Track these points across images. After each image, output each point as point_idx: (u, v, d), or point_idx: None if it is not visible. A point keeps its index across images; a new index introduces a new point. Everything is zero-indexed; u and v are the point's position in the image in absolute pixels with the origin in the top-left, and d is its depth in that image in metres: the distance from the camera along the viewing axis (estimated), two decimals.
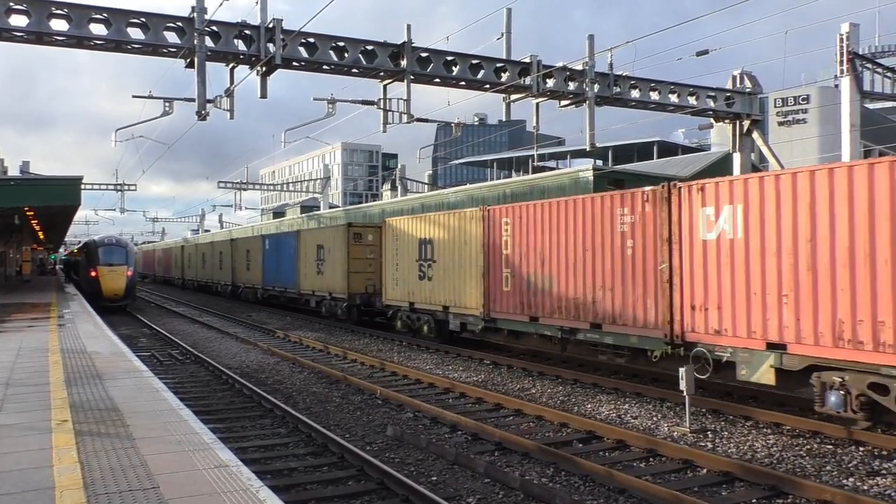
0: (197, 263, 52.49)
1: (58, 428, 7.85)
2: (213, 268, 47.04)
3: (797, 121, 61.26)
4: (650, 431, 10.84)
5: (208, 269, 48.53)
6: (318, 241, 29.65)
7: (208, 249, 48.89)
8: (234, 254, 41.76)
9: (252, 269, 38.15)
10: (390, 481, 8.18)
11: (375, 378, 15.83)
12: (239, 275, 40.85)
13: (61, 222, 36.23)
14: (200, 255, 51.17)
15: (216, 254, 46.15)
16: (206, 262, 49.02)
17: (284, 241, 33.88)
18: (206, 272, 49.35)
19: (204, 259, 49.88)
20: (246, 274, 39.34)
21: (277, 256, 34.09)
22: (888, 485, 8.27)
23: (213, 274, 47.11)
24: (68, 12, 17.30)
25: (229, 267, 42.59)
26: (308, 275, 30.33)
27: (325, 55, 19.98)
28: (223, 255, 44.13)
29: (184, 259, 58.17)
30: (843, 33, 26.29)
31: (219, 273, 45.59)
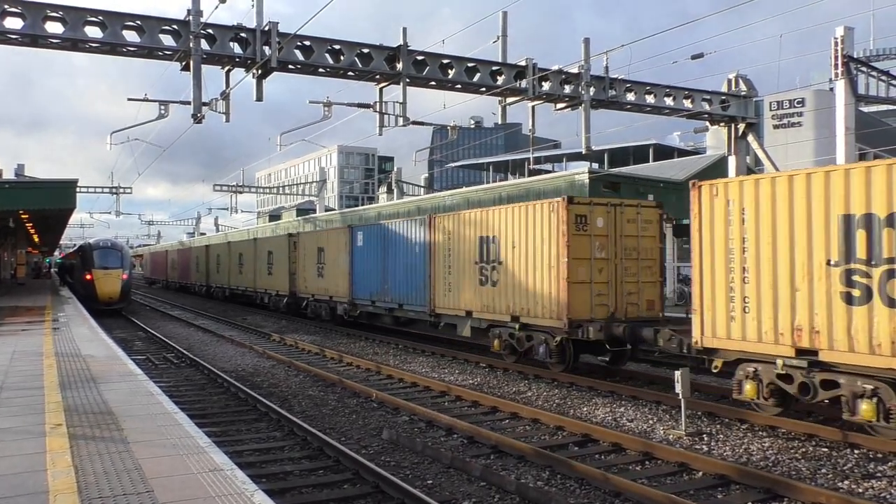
0: (230, 266, 42.68)
1: (52, 432, 7.82)
2: (258, 272, 36.80)
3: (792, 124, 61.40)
4: (646, 434, 10.84)
5: (248, 273, 38.57)
6: (497, 225, 17.21)
7: (247, 248, 39.52)
8: (295, 253, 31.35)
9: (330, 274, 27.42)
10: (386, 485, 8.16)
11: (371, 381, 15.81)
12: (304, 282, 30.36)
13: (56, 225, 36.19)
14: (235, 256, 41.29)
15: (262, 253, 36.32)
16: (246, 264, 39.14)
17: (400, 235, 22.21)
18: (244, 278, 39.58)
19: (241, 261, 40.00)
20: (316, 282, 28.81)
21: (384, 257, 23.20)
22: (883, 487, 8.28)
23: (258, 280, 36.74)
24: (63, 15, 17.29)
25: (285, 271, 32.12)
26: (467, 288, 18.42)
27: (320, 58, 19.99)
28: (274, 255, 34.17)
29: (209, 261, 48.25)
30: (837, 37, 26.37)
31: (266, 279, 35.37)
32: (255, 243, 37.64)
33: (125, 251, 38.06)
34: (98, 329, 19.55)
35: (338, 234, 27.01)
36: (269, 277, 33.97)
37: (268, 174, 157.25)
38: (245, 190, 61.91)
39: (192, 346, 22.33)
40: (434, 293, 19.79)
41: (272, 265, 33.62)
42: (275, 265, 33.22)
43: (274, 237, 37.43)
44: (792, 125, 61.25)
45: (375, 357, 19.50)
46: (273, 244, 34.39)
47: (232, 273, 41.97)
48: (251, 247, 38.25)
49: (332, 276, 27.03)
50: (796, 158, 47.35)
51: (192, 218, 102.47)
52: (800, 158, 47.77)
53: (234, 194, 59.62)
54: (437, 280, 19.69)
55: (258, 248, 36.75)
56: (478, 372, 16.92)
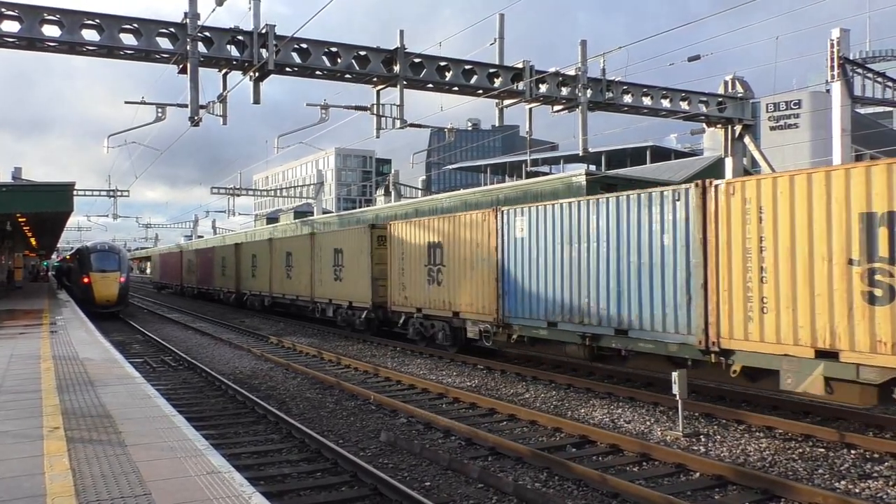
0: (272, 269, 34.08)
1: (49, 435, 7.82)
2: (317, 277, 28.14)
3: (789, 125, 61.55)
4: (643, 436, 10.85)
5: (300, 278, 30.16)
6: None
7: (300, 246, 30.63)
8: (383, 251, 22.82)
9: (455, 280, 18.65)
10: (384, 487, 8.17)
11: (369, 384, 15.81)
12: (401, 291, 21.27)
13: (53, 228, 36.14)
14: (280, 256, 32.91)
15: (324, 253, 27.57)
16: (297, 266, 30.71)
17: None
18: (293, 284, 31.15)
19: (289, 262, 31.68)
20: (426, 291, 19.83)
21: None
22: (880, 487, 8.30)
23: (318, 287, 28.07)
24: (60, 18, 17.32)
25: (364, 275, 23.95)
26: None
27: (317, 61, 20.02)
28: (345, 254, 25.67)
29: (240, 263, 39.66)
30: (833, 38, 26.44)
31: (331, 286, 26.75)
32: (312, 240, 29.04)
33: (123, 254, 38.01)
34: (96, 332, 19.54)
35: (477, 219, 17.64)
36: (336, 284, 26.35)
37: (265, 177, 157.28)
38: (243, 193, 61.87)
39: (190, 349, 22.31)
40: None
41: (341, 267, 26.04)
42: (346, 267, 25.62)
43: (345, 230, 27.98)
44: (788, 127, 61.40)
45: (373, 359, 19.50)
46: (344, 240, 26.21)
47: (275, 278, 33.48)
48: (305, 244, 29.78)
49: (457, 282, 18.45)
50: (793, 160, 47.45)
51: (190, 221, 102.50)
52: (796, 160, 47.87)
53: (231, 197, 59.60)
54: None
55: (318, 246, 28.28)
56: (476, 374, 16.93)
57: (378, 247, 23.30)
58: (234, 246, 41.59)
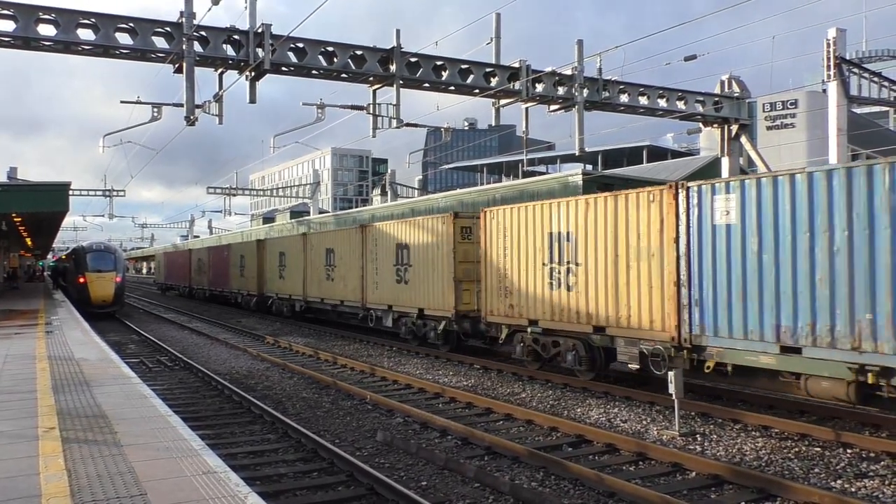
0: (307, 269, 29.02)
1: (45, 435, 7.80)
2: (371, 279, 23.35)
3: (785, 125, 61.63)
4: (639, 435, 10.86)
5: (346, 280, 25.34)
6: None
7: (346, 242, 25.58)
8: (481, 247, 17.59)
9: (621, 286, 13.50)
10: (380, 486, 8.17)
11: (365, 383, 15.80)
12: (506, 299, 16.55)
13: (49, 228, 36.06)
14: (318, 253, 27.81)
15: (382, 250, 22.81)
16: (342, 266, 25.71)
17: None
18: (336, 287, 26.12)
19: (331, 261, 26.61)
20: (540, 300, 15.54)
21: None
22: (876, 487, 8.32)
23: (372, 291, 23.29)
24: (56, 17, 17.26)
25: (445, 274, 19.33)
26: None
27: (314, 60, 19.99)
28: (411, 251, 21.09)
29: (264, 262, 34.88)
30: (830, 38, 26.49)
31: (392, 289, 22.01)
32: (363, 234, 23.95)
33: (119, 254, 37.93)
34: (91, 332, 19.49)
35: (639, 200, 13.07)
36: (399, 288, 21.53)
37: (261, 176, 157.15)
38: (239, 192, 61.82)
39: (186, 349, 22.28)
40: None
41: (406, 267, 21.15)
42: (414, 267, 20.73)
43: (414, 221, 21.40)
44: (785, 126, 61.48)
45: (370, 359, 19.49)
46: (411, 232, 21.08)
47: (311, 279, 28.51)
48: (352, 240, 24.87)
49: (602, 284, 13.77)
50: (789, 160, 47.52)
51: (186, 221, 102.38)
52: (793, 159, 47.94)
53: (227, 197, 59.54)
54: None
55: (372, 241, 23.36)
56: (472, 373, 16.92)
57: (462, 241, 18.95)
58: (255, 243, 36.61)
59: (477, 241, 18.05)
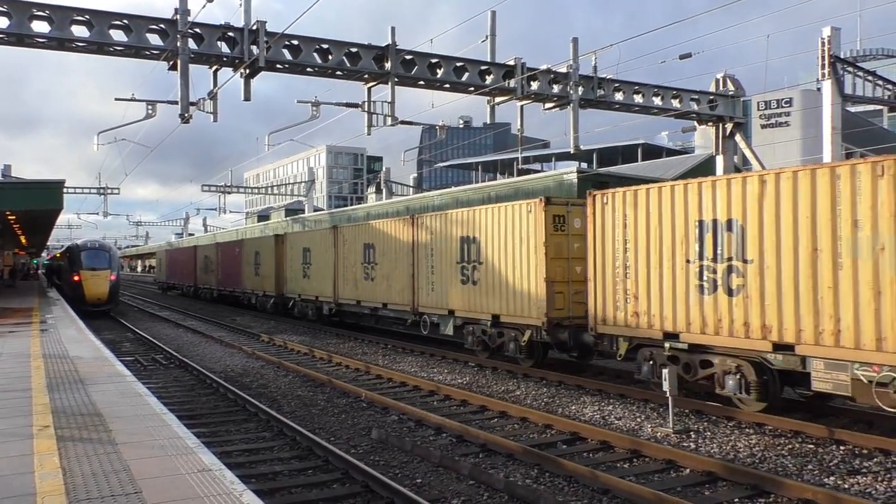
0: (338, 268, 25.53)
1: (39, 434, 7.79)
2: (426, 280, 19.80)
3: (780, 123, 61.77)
4: (634, 432, 10.89)
5: (389, 281, 21.82)
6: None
7: (388, 237, 22.06)
8: (575, 242, 15.61)
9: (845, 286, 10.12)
10: (375, 484, 8.17)
11: (360, 381, 15.80)
12: (639, 304, 13.17)
13: (43, 226, 35.97)
14: (355, 249, 24.11)
15: (438, 244, 19.29)
16: (385, 264, 22.08)
17: None
18: (374, 288, 22.75)
19: (370, 258, 23.07)
20: (684, 305, 12.31)
21: None
22: (868, 483, 8.36)
23: (438, 293, 19.27)
24: (50, 14, 17.21)
25: (531, 273, 15.92)
26: None
27: (309, 57, 19.98)
28: (480, 245, 17.51)
29: (285, 259, 31.22)
30: (824, 37, 26.54)
31: (458, 293, 18.39)
32: (412, 226, 20.38)
33: (113, 252, 37.85)
34: (86, 330, 19.46)
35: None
36: (465, 291, 17.95)
37: (256, 174, 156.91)
38: (233, 190, 61.72)
39: (181, 347, 22.24)
40: None
41: (474, 265, 17.57)
42: (485, 265, 17.21)
43: (484, 209, 17.69)
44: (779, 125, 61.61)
45: (364, 357, 19.49)
46: (480, 222, 17.48)
47: (346, 278, 24.81)
48: (398, 233, 21.29)
49: (796, 287, 10.71)
50: (784, 158, 47.64)
51: (181, 218, 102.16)
52: (787, 158, 48.07)
53: (222, 194, 59.44)
54: None
55: (426, 234, 19.75)
56: (467, 371, 16.94)
57: (555, 232, 15.43)
58: (273, 238, 33.02)
59: (573, 233, 15.36)
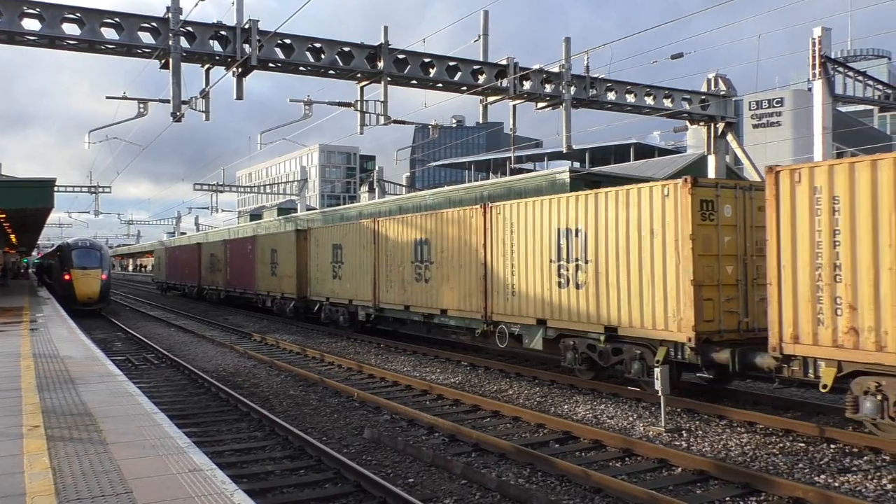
0: (379, 269, 21.97)
1: (29, 433, 7.74)
2: (522, 282, 15.77)
3: (771, 123, 62.03)
4: (626, 431, 10.91)
5: (441, 283, 18.83)
6: None
7: (444, 230, 18.87)
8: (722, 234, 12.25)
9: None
10: (367, 483, 8.16)
11: (353, 380, 15.79)
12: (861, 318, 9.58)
13: (34, 225, 35.77)
14: (400, 247, 20.90)
15: (521, 237, 15.86)
16: (441, 265, 18.90)
17: None
18: (428, 291, 19.43)
19: (421, 255, 19.75)
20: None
21: None
22: (858, 481, 8.40)
23: (523, 299, 15.76)
24: (41, 12, 17.12)
25: (670, 274, 12.32)
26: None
27: (301, 56, 19.93)
28: (588, 238, 13.95)
29: (308, 258, 27.75)
30: (815, 37, 26.65)
31: (570, 300, 14.41)
32: (485, 217, 17.00)
33: (104, 251, 37.70)
34: (77, 330, 19.36)
35: None
36: (564, 295, 14.57)
37: (248, 173, 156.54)
38: (226, 189, 61.56)
39: (173, 347, 22.17)
40: None
41: (577, 265, 14.17)
42: (605, 263, 13.59)
43: (613, 191, 13.57)
44: (771, 125, 61.87)
45: (357, 356, 19.47)
46: (603, 208, 13.72)
47: (391, 280, 21.25)
48: (468, 226, 17.74)
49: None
50: (775, 158, 47.85)
51: (173, 217, 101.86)
52: (778, 158, 48.28)
53: (214, 193, 59.29)
54: None
55: (504, 228, 16.35)
56: (459, 370, 16.94)
57: (703, 223, 11.96)
58: (294, 234, 29.43)
59: (724, 223, 12.18)
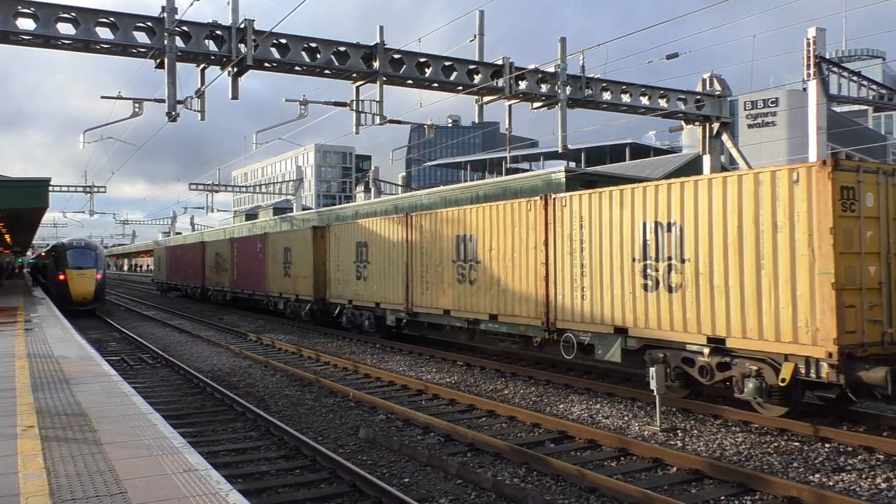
0: (413, 267, 19.70)
1: (23, 434, 7.72)
2: (605, 284, 13.27)
3: (766, 123, 62.17)
4: (621, 431, 10.93)
5: (500, 284, 16.20)
6: None
7: (499, 228, 16.20)
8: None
9: None
10: (362, 483, 8.16)
11: (348, 380, 15.78)
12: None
13: (28, 225, 35.65)
14: (442, 244, 18.38)
15: (605, 232, 13.30)
16: (496, 263, 16.27)
17: None
18: (471, 294, 17.18)
19: (466, 254, 17.37)
20: None
21: None
22: (853, 480, 8.42)
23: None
24: (35, 11, 17.07)
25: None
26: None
27: (297, 56, 19.91)
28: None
29: (329, 256, 25.36)
30: (810, 38, 26.71)
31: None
32: (551, 210, 14.63)
33: (99, 251, 37.62)
34: (71, 330, 19.31)
35: None
36: (653, 299, 12.35)
37: (244, 173, 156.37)
38: (221, 189, 61.47)
39: (168, 347, 22.13)
40: None
41: (669, 265, 12.02)
42: (710, 262, 11.35)
43: (731, 177, 11.23)
44: (766, 125, 61.99)
45: (352, 356, 19.46)
46: (705, 196, 11.45)
47: (427, 282, 18.94)
48: (524, 220, 15.45)
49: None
50: (770, 157, 47.95)
51: (168, 217, 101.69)
52: (773, 157, 48.38)
53: (210, 193, 59.19)
54: None
55: (573, 223, 14.07)
56: (455, 370, 16.94)
57: (843, 214, 9.89)
58: (311, 231, 26.78)
59: (866, 215, 10.13)
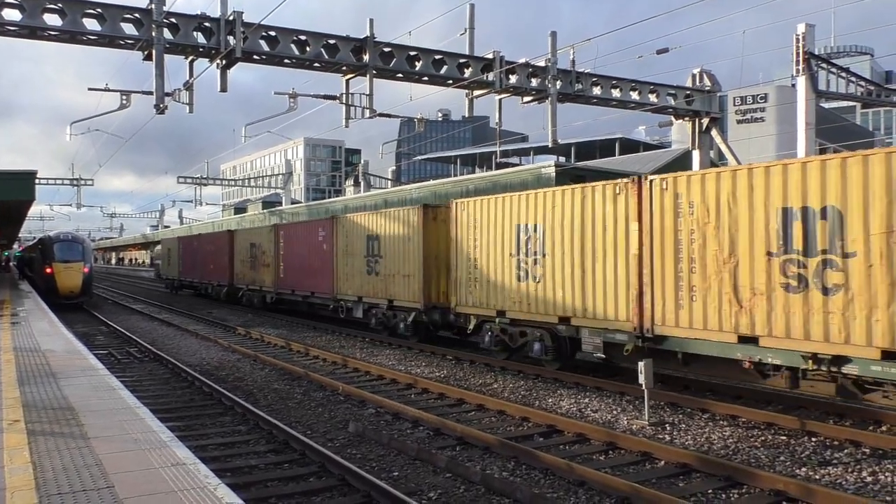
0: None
1: (9, 428, 7.67)
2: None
3: (755, 119, 62.39)
4: (610, 425, 10.96)
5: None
6: None
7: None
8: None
9: None
10: (351, 477, 8.15)
11: (337, 374, 15.76)
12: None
13: (15, 218, 35.37)
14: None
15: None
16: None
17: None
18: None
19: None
20: None
21: None
22: (839, 474, 8.48)
23: None
24: (21, 2, 16.91)
25: None
26: None
27: (286, 49, 19.81)
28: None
29: (460, 245, 16.93)
30: (799, 34, 26.81)
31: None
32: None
33: (86, 244, 37.39)
34: (58, 323, 19.19)
35: None
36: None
37: (233, 166, 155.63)
38: (210, 182, 61.17)
39: (156, 341, 22.03)
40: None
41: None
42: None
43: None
44: (755, 120, 62.23)
45: (342, 350, 19.43)
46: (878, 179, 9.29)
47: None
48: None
49: None
50: (759, 153, 48.16)
51: (156, 210, 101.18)
52: (762, 153, 48.59)
53: (198, 186, 58.90)
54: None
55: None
56: (444, 364, 16.95)
57: None
58: (421, 211, 19.10)
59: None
